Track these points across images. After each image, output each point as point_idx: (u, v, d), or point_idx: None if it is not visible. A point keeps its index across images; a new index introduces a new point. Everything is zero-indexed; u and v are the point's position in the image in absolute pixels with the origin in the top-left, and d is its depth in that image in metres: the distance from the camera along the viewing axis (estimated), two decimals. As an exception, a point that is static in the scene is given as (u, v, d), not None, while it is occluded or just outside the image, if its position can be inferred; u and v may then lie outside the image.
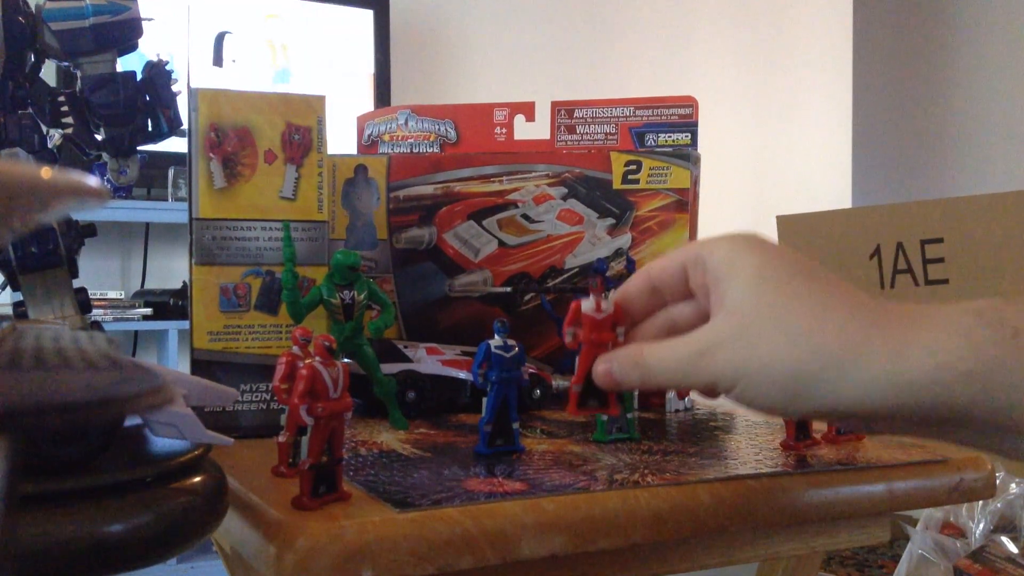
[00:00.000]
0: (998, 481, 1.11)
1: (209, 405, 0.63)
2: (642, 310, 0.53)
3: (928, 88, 3.28)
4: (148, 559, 0.39)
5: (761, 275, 0.44)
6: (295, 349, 0.53)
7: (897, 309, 0.43)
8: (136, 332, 2.00)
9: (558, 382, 0.81)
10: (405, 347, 0.78)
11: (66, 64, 0.63)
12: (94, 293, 1.79)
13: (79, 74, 0.62)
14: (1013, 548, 1.21)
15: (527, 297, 0.90)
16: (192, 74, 2.01)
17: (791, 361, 0.42)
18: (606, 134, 0.96)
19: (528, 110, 0.97)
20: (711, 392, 0.47)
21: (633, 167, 0.90)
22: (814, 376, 0.42)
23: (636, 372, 0.48)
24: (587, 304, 0.57)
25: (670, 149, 0.93)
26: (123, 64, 0.64)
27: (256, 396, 0.66)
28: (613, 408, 0.58)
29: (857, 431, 0.48)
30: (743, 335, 0.43)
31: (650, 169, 0.90)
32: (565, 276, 0.90)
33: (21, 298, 0.61)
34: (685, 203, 0.90)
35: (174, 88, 0.65)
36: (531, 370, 0.79)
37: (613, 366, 0.49)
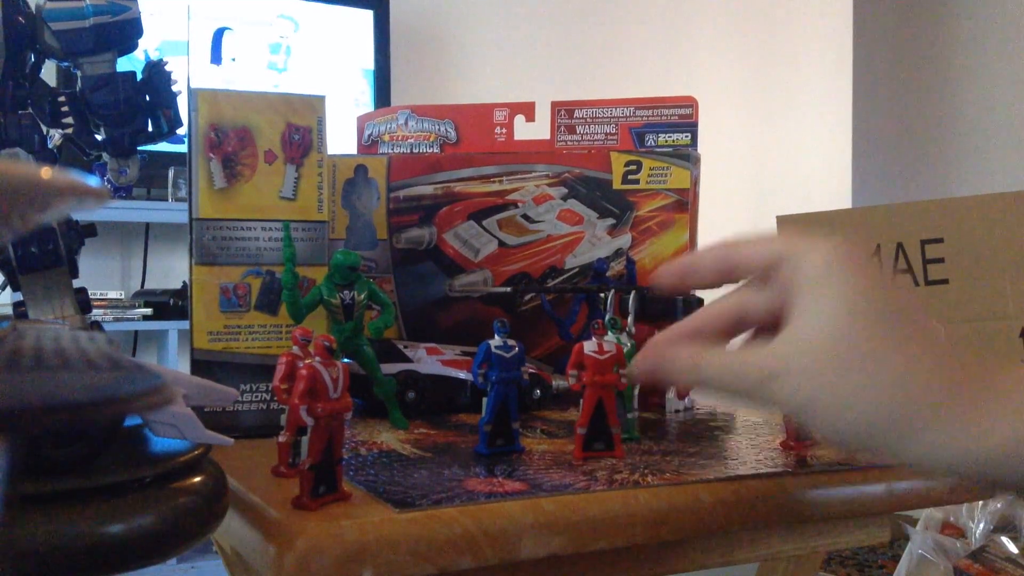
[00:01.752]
0: (998, 481, 1.11)
1: (209, 405, 0.63)
2: (705, 281, 0.48)
3: (928, 88, 3.28)
4: (148, 559, 0.39)
5: (854, 307, 0.40)
6: (295, 349, 0.53)
7: (979, 369, 0.40)
8: (136, 332, 2.00)
9: (558, 382, 0.81)
10: (405, 347, 0.78)
11: (66, 64, 0.63)
12: (94, 293, 1.79)
13: (79, 74, 0.62)
14: (1013, 548, 1.21)
15: (527, 297, 0.90)
16: (192, 74, 2.01)
17: (866, 410, 0.40)
18: (606, 134, 0.96)
19: (528, 110, 0.97)
20: (760, 406, 0.44)
21: (633, 167, 0.90)
22: (886, 429, 0.40)
23: (692, 376, 0.45)
24: (590, 346, 0.58)
25: (670, 149, 0.93)
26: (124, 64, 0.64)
27: (256, 396, 0.66)
28: (619, 451, 0.59)
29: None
30: (821, 371, 0.40)
31: (650, 169, 0.90)
32: (565, 276, 0.90)
33: (21, 298, 0.61)
34: (685, 203, 0.90)
35: (174, 88, 0.65)
36: (531, 370, 0.79)
37: (666, 364, 0.46)
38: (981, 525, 1.26)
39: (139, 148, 0.65)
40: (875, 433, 0.40)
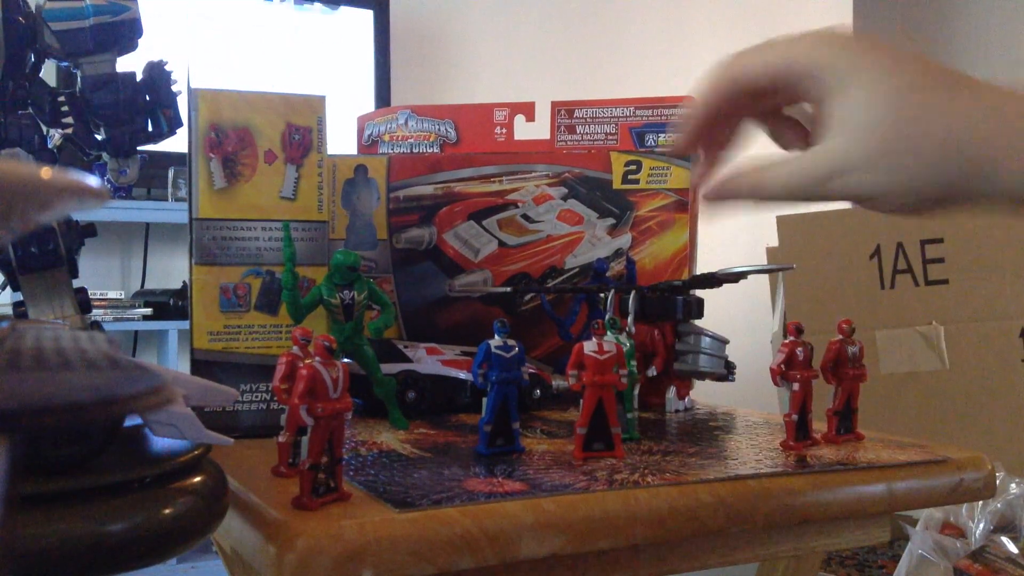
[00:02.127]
0: (998, 481, 1.11)
1: (209, 405, 0.63)
2: (716, 118, 0.48)
3: (928, 88, 3.29)
4: (148, 559, 0.39)
5: (898, 87, 0.41)
6: (295, 349, 0.53)
7: None
8: (136, 332, 2.00)
9: (558, 382, 0.81)
10: (405, 347, 0.78)
11: (66, 64, 0.63)
12: (94, 293, 1.79)
13: (79, 74, 0.62)
14: (1013, 548, 1.21)
15: (527, 297, 0.89)
16: (192, 74, 2.01)
17: (937, 176, 0.40)
18: (606, 134, 0.96)
19: (528, 110, 0.97)
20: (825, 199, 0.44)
21: (633, 167, 0.90)
22: (962, 187, 0.40)
23: (759, 191, 0.45)
24: (590, 346, 0.58)
25: (670, 149, 0.93)
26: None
27: (256, 396, 0.66)
28: (619, 451, 0.59)
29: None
30: (883, 156, 0.40)
31: (650, 169, 0.90)
32: (565, 276, 0.90)
33: (21, 298, 0.61)
34: (685, 203, 0.90)
35: (174, 88, 0.65)
36: (531, 370, 0.79)
37: (732, 192, 0.46)
38: (981, 525, 1.26)
39: (139, 148, 0.65)
40: (951, 193, 0.40)
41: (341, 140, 0.96)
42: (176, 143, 0.66)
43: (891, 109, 0.40)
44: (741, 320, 1.85)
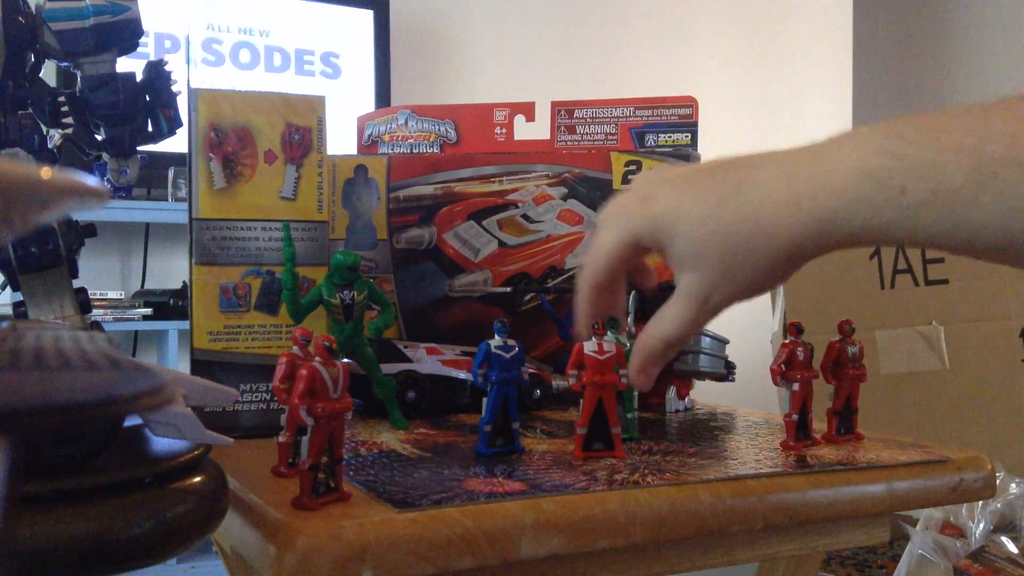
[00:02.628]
0: (998, 481, 1.11)
1: (209, 405, 0.63)
2: (599, 310, 0.55)
3: (928, 89, 3.28)
4: (148, 559, 0.39)
5: (707, 207, 0.47)
6: (295, 349, 0.53)
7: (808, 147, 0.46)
8: (136, 332, 2.00)
9: (558, 382, 0.81)
10: (405, 347, 0.78)
11: (66, 64, 0.63)
12: (94, 293, 1.78)
13: (79, 74, 0.62)
14: (1013, 548, 1.21)
15: (527, 297, 0.89)
16: (192, 74, 2.01)
17: (781, 253, 0.45)
18: (606, 134, 0.96)
19: (528, 110, 0.97)
20: None
21: (633, 167, 0.90)
22: (807, 248, 0.45)
23: (664, 351, 0.51)
24: (590, 346, 0.58)
25: (670, 149, 0.93)
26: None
27: (256, 396, 0.66)
28: (619, 451, 0.59)
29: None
30: (731, 267, 0.47)
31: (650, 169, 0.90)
32: (565, 276, 0.90)
33: (21, 298, 0.61)
34: (685, 203, 0.90)
35: (174, 88, 0.65)
36: (531, 370, 0.79)
37: (645, 362, 0.51)
38: (981, 525, 1.26)
39: (139, 148, 0.65)
40: (799, 246, 0.45)
41: (341, 140, 0.96)
42: (176, 143, 0.66)
43: (711, 230, 0.47)
44: (741, 320, 1.85)
